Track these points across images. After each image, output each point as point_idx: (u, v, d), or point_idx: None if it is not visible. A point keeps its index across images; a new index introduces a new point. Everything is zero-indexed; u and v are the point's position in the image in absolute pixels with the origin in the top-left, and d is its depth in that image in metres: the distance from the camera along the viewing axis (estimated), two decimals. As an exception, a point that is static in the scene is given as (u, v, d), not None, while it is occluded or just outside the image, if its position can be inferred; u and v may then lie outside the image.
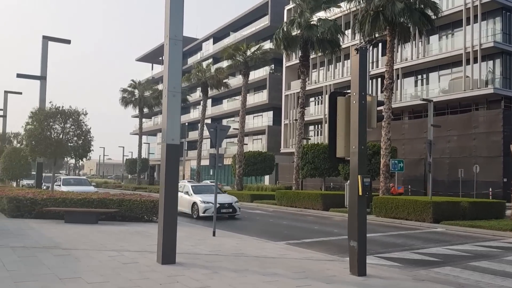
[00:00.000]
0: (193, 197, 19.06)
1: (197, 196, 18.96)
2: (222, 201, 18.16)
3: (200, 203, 18.43)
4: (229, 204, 18.71)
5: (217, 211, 15.88)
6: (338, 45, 30.15)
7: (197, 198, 18.75)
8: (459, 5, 35.81)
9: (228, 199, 19.24)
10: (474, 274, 8.46)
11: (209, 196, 18.33)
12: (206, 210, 18.11)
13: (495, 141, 31.55)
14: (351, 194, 7.96)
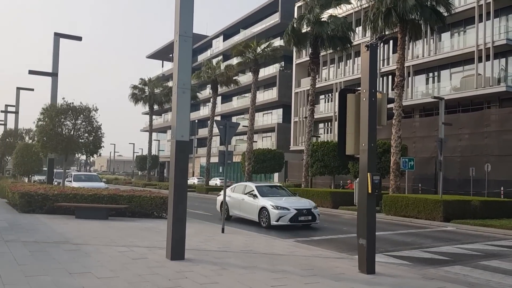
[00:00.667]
0: (260, 201, 15.37)
1: (266, 199, 15.30)
2: (299, 206, 15.06)
3: (272, 209, 14.74)
4: (307, 210, 15.00)
5: (294, 219, 14.41)
6: (350, 42, 30.01)
7: (267, 203, 15.07)
8: (472, 2, 35.38)
9: (305, 203, 15.69)
10: (484, 273, 8.39)
11: (280, 200, 15.33)
12: (281, 217, 14.53)
13: (507, 139, 31.14)
14: (361, 192, 7.92)
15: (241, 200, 16.22)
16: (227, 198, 15.85)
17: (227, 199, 15.18)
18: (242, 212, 16.01)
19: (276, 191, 16.68)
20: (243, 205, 16.00)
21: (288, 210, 14.67)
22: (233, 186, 17.80)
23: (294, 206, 14.90)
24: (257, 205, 15.41)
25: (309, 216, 15.00)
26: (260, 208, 15.25)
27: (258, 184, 17.64)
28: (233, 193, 16.86)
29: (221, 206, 15.70)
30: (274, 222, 14.61)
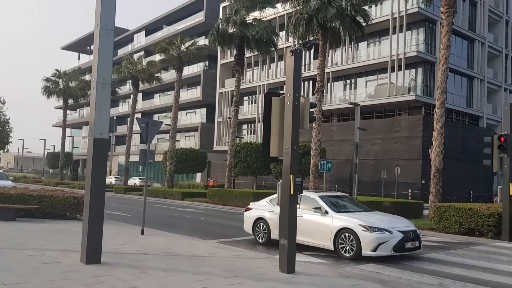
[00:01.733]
0: (335, 219, 10.50)
1: (345, 216, 10.60)
2: (402, 227, 10.42)
3: (362, 231, 9.94)
4: (414, 233, 10.38)
5: (400, 247, 9.88)
6: (274, 45, 30.62)
7: (352, 222, 10.22)
8: (387, 15, 37.76)
9: (405, 222, 11.02)
10: (395, 270, 8.92)
11: (369, 217, 10.62)
12: (380, 245, 9.78)
13: (415, 145, 33.67)
14: (283, 193, 8.07)
15: (302, 219, 10.27)
16: (267, 214, 11.81)
17: (267, 216, 11.78)
18: (301, 236, 10.13)
19: (348, 204, 11.87)
20: (305, 225, 10.56)
21: (391, 234, 9.91)
22: (274, 197, 11.58)
23: (396, 227, 10.18)
24: (330, 226, 10.44)
25: (416, 241, 10.28)
26: (338, 231, 10.30)
27: (322, 193, 12.19)
28: (276, 207, 10.32)
29: (255, 225, 12.09)
30: (369, 251, 9.79)
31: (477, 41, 41.39)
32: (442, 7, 19.74)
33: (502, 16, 44.48)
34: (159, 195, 32.88)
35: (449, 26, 19.45)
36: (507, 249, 12.22)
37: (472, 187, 36.22)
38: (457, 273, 8.82)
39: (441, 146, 19.02)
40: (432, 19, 36.76)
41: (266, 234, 11.82)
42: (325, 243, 10.56)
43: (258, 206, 12.58)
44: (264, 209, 12.09)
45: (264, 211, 12.04)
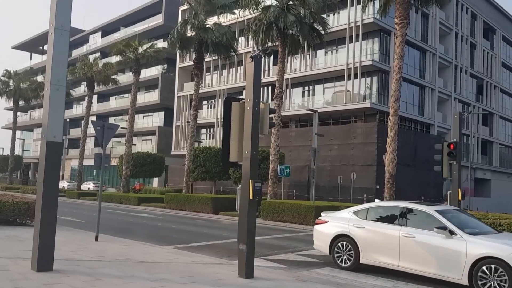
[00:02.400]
0: (471, 244, 7.98)
1: (487, 241, 8.10)
2: None
3: None
4: None
5: None
6: (234, 50, 30.73)
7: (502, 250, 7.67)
8: (344, 24, 38.70)
9: None
10: (350, 274, 9.11)
11: None
12: None
13: (370, 151, 34.60)
14: (242, 198, 8.08)
15: (405, 239, 8.63)
16: (354, 231, 9.39)
17: (354, 233, 9.35)
18: (412, 262, 8.51)
19: (470, 221, 9.33)
20: (412, 248, 8.54)
21: None
22: (364, 208, 9.85)
23: None
24: (463, 253, 7.96)
25: None
26: (477, 260, 7.78)
27: (438, 207, 9.30)
28: (368, 222, 9.34)
29: (334, 244, 9.64)
30: None
31: (428, 52, 43.14)
32: (396, 18, 20.46)
33: (452, 29, 46.61)
34: (114, 200, 32.08)
35: (402, 37, 20.18)
36: (456, 251, 12.74)
37: (423, 192, 37.59)
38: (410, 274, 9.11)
39: (394, 152, 19.65)
40: (386, 29, 37.99)
41: (352, 256, 9.27)
42: (453, 275, 8.03)
43: (336, 219, 9.96)
44: (347, 223, 9.53)
45: (347, 226, 9.49)
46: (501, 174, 53.41)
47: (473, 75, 50.33)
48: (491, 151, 53.35)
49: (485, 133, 51.85)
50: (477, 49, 51.11)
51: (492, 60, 53.86)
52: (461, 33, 48.13)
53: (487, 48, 52.94)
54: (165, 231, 16.09)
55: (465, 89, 48.49)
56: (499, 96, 54.86)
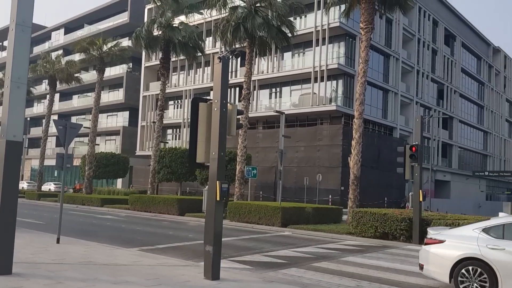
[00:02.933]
0: None
1: None
2: None
3: None
4: None
5: None
6: (201, 51, 30.52)
7: None
8: (310, 27, 39.19)
9: None
10: (316, 274, 9.22)
11: None
12: None
13: (335, 153, 35.16)
14: (209, 199, 8.04)
15: None
16: (492, 253, 7.48)
17: (492, 257, 7.43)
18: None
19: None
20: None
21: None
22: (497, 225, 7.90)
23: None
24: None
25: None
26: None
27: None
28: (508, 242, 7.51)
29: (458, 270, 7.73)
30: None
31: (392, 57, 44.26)
32: (361, 23, 20.87)
33: (414, 35, 48.00)
34: (76, 202, 31.25)
35: (367, 42, 20.60)
36: (417, 251, 13.10)
37: (387, 193, 38.53)
38: (373, 275, 9.31)
39: (359, 154, 20.02)
40: (352, 34, 38.73)
41: (486, 284, 7.40)
42: None
43: (457, 237, 8.05)
44: (477, 243, 7.67)
45: (477, 247, 7.62)
46: (460, 176, 55.39)
47: (434, 80, 51.99)
48: (451, 154, 55.24)
49: (445, 136, 53.64)
50: (438, 55, 52.84)
51: (452, 66, 55.81)
52: (423, 39, 49.64)
53: (447, 54, 54.81)
54: (130, 233, 15.80)
55: (426, 93, 50.01)
56: (458, 101, 56.89)
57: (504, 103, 71.28)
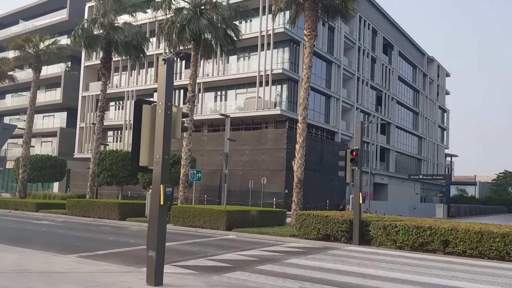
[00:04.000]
0: None
1: None
2: None
3: None
4: None
5: None
6: (143, 52, 29.88)
7: None
8: (255, 32, 39.56)
9: None
10: (260, 277, 9.27)
11: None
12: None
13: (280, 156, 35.66)
14: (153, 203, 7.87)
15: None
16: None
17: None
18: None
19: None
20: None
21: None
22: None
23: None
24: None
25: None
26: None
27: None
28: None
29: None
30: None
31: (334, 64, 45.60)
32: (305, 30, 21.35)
33: (355, 43, 49.76)
34: (9, 207, 29.49)
35: (311, 48, 21.10)
36: (357, 252, 13.56)
37: (329, 196, 39.59)
38: (316, 276, 9.50)
39: (302, 158, 20.42)
40: (296, 40, 39.51)
41: None
42: None
43: None
44: None
45: None
46: (397, 179, 57.97)
47: (373, 87, 54.14)
48: (388, 158, 57.70)
49: (383, 141, 55.95)
50: (377, 63, 55.11)
51: (390, 74, 58.40)
52: (363, 47, 51.58)
53: (385, 63, 57.29)
54: (67, 239, 15.12)
55: (366, 99, 51.96)
56: (395, 107, 59.58)
57: (437, 110, 75.52)
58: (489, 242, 12.77)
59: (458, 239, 13.22)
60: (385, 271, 10.24)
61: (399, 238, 14.25)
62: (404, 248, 14.16)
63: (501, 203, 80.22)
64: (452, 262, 12.08)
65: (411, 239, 14.02)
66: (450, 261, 12.25)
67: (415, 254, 13.33)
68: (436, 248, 13.63)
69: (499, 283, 9.37)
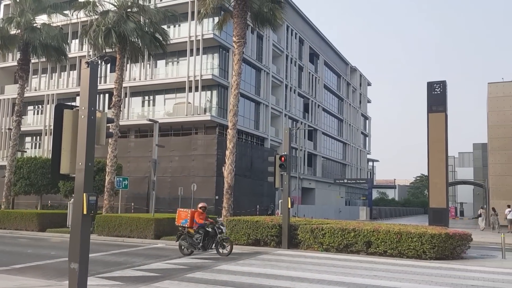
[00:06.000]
0: None
1: None
2: None
3: None
4: None
5: None
6: (65, 53, 28.43)
7: None
8: (184, 36, 39.21)
9: None
10: (190, 285, 9.14)
11: None
12: None
13: (210, 162, 35.48)
14: (75, 213, 7.49)
15: None
16: None
17: None
18: None
19: None
20: None
21: None
22: None
23: None
24: None
25: None
26: None
27: None
28: None
29: None
30: None
31: (263, 71, 46.34)
32: (234, 37, 21.52)
33: (283, 51, 50.95)
34: None
35: (240, 55, 21.29)
36: (286, 256, 13.82)
37: (259, 201, 40.00)
38: (245, 281, 9.55)
39: (233, 164, 20.49)
40: (226, 46, 39.66)
41: None
42: None
43: None
44: None
45: None
46: (323, 184, 59.96)
47: (301, 94, 55.71)
48: (315, 163, 59.55)
49: (310, 147, 57.67)
50: (304, 71, 56.82)
51: (316, 82, 60.43)
52: (291, 56, 52.96)
53: (312, 71, 59.22)
54: (-22, 255, 13.93)
55: (294, 106, 53.32)
56: (321, 115, 61.72)
57: (359, 118, 79.26)
58: (407, 242, 13.57)
59: (380, 240, 13.91)
60: (312, 273, 10.53)
61: (326, 240, 14.73)
62: (330, 250, 14.66)
63: (418, 204, 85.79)
64: (374, 262, 12.69)
65: (337, 241, 14.54)
66: (372, 261, 12.86)
67: (340, 256, 13.84)
68: (359, 249, 14.25)
69: (416, 280, 9.98)
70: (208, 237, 13.47)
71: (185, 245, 13.69)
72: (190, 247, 13.62)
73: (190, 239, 13.57)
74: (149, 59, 37.85)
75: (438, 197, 27.16)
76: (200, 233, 13.44)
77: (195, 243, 13.46)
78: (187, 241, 13.61)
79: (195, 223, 13.63)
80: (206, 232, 13.45)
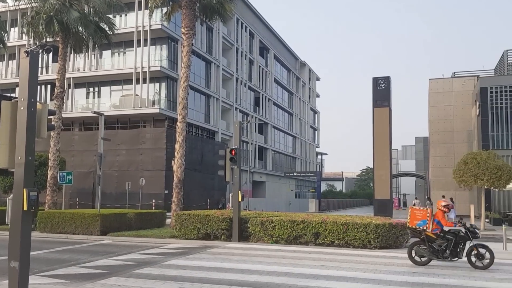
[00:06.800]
0: None
1: None
2: None
3: None
4: None
5: None
6: (3, 42, 26.86)
7: None
8: (131, 27, 38.17)
9: None
10: (138, 281, 8.95)
11: None
12: None
13: (159, 156, 34.87)
14: (14, 209, 7.12)
15: None
16: None
17: None
18: None
19: None
20: None
21: None
22: None
23: None
24: None
25: None
26: None
27: None
28: None
29: None
30: None
31: (213, 64, 46.03)
32: (183, 28, 21.15)
33: (233, 44, 50.82)
34: None
35: (189, 47, 20.97)
36: (236, 249, 13.85)
37: (209, 195, 39.82)
38: (195, 275, 9.48)
39: (182, 158, 20.22)
40: (174, 37, 39.00)
41: None
42: None
43: None
44: None
45: None
46: (274, 177, 60.64)
47: (251, 88, 55.89)
48: (266, 157, 60.08)
49: (261, 140, 58.08)
50: (255, 65, 57.00)
51: (267, 76, 60.83)
52: (241, 49, 52.93)
53: (262, 65, 59.53)
54: None
55: (244, 100, 53.42)
56: (272, 108, 62.26)
57: (309, 112, 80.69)
58: (353, 232, 14.00)
59: (327, 231, 14.26)
60: (262, 265, 10.62)
61: (276, 232, 14.90)
62: (280, 242, 14.85)
63: (364, 196, 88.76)
64: (322, 252, 12.99)
65: (286, 233, 14.76)
66: (320, 251, 13.16)
67: (290, 247, 14.06)
68: (308, 240, 14.54)
69: (362, 269, 10.32)
70: (455, 243, 10.80)
71: (424, 252, 10.95)
72: (431, 255, 10.90)
73: (429, 245, 10.94)
74: (94, 50, 36.53)
75: (383, 188, 28.18)
76: (446, 238, 10.87)
77: (438, 250, 10.81)
78: (426, 248, 10.95)
79: (435, 225, 11.06)
80: (456, 237, 10.83)
